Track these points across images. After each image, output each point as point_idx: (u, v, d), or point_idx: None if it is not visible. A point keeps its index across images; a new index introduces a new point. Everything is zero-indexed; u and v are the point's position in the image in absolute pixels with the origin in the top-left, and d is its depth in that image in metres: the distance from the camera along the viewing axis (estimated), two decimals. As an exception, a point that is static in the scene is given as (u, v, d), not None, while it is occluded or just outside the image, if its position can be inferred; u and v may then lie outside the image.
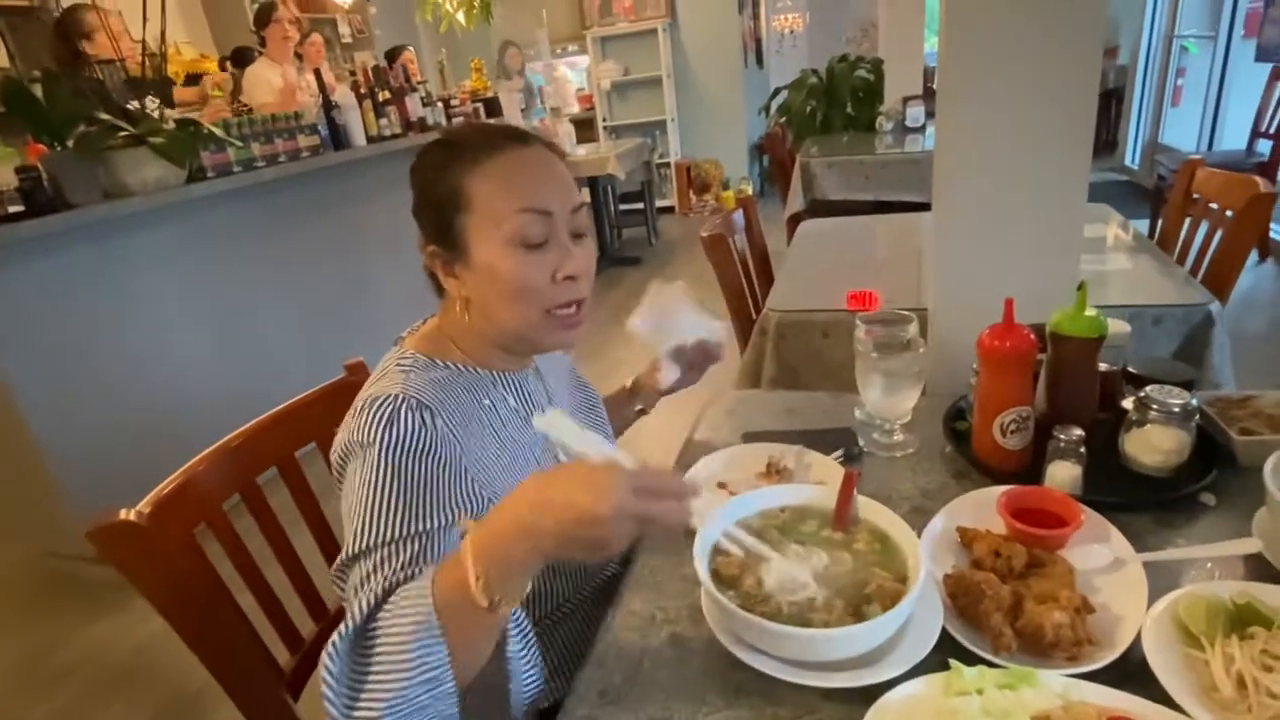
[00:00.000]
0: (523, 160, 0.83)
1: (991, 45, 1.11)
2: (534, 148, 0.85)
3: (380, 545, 0.71)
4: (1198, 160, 1.92)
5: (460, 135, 0.86)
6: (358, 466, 0.75)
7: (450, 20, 4.37)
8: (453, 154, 0.83)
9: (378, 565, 0.70)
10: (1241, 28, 4.87)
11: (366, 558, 0.71)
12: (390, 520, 0.72)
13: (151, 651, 2.04)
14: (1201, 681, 0.60)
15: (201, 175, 2.49)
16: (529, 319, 0.83)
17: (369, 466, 0.74)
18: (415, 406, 0.77)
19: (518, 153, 0.83)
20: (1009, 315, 0.89)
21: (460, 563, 0.60)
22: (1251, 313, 3.38)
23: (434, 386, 0.81)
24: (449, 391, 0.82)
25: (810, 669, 0.64)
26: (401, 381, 0.80)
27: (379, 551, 0.71)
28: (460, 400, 0.83)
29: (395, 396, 0.77)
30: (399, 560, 0.71)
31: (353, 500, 0.74)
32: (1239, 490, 0.85)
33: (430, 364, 0.85)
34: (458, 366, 0.87)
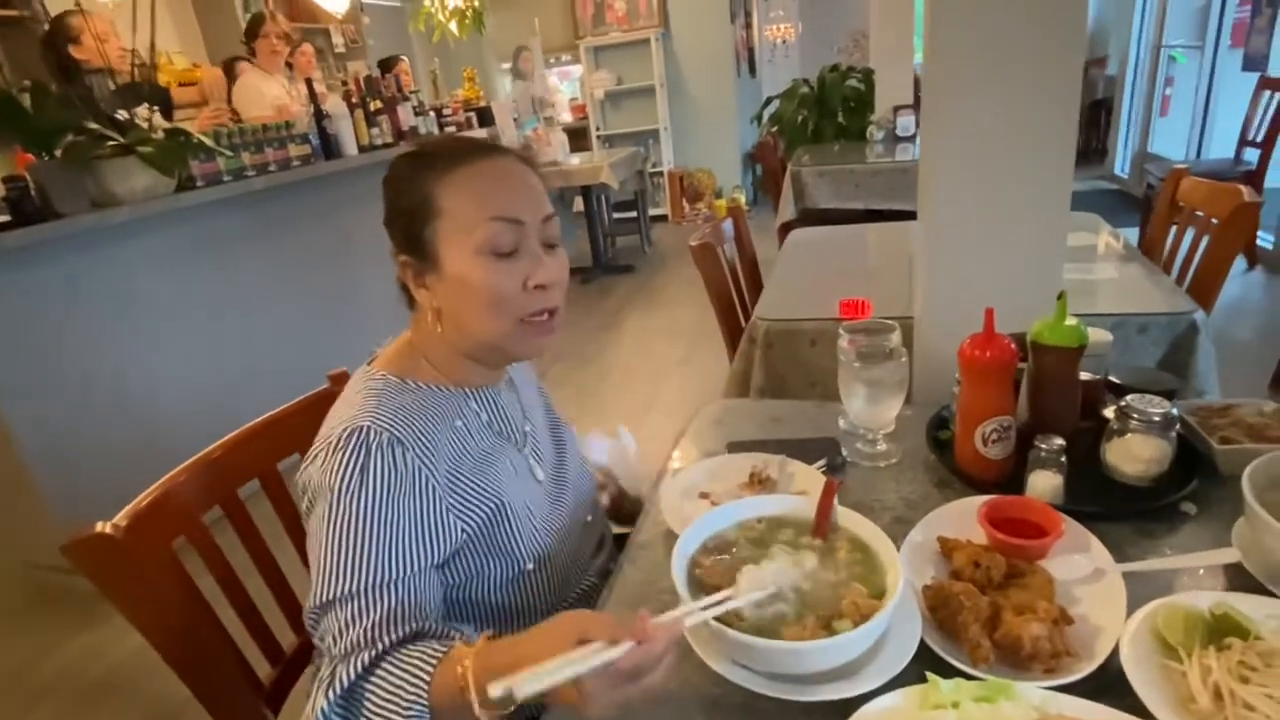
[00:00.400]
0: (493, 169, 0.82)
1: (975, 57, 1.11)
2: (505, 158, 0.85)
3: (355, 594, 0.72)
4: (1183, 169, 1.93)
5: (431, 145, 0.86)
6: (326, 510, 0.75)
7: (443, 30, 4.39)
8: (423, 164, 0.83)
9: (355, 615, 0.71)
10: (1229, 38, 4.92)
11: (342, 606, 0.72)
12: (365, 567, 0.72)
13: (136, 664, 2.02)
14: (1179, 693, 0.59)
15: (191, 184, 2.48)
16: (500, 328, 0.82)
17: (340, 512, 0.74)
18: (386, 443, 0.76)
19: (488, 162, 0.83)
20: (989, 325, 0.90)
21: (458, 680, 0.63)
22: (1240, 320, 3.40)
23: (403, 415, 0.80)
24: (419, 418, 0.81)
25: (788, 682, 0.64)
26: (373, 410, 0.79)
27: (355, 601, 0.71)
28: (431, 426, 0.82)
29: (365, 430, 0.76)
30: (378, 611, 0.71)
31: (324, 544, 0.74)
32: (1220, 499, 0.85)
33: (401, 386, 0.84)
34: (429, 387, 0.86)
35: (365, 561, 0.73)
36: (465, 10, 4.34)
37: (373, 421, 0.77)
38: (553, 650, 0.58)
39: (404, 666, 0.67)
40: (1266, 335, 3.09)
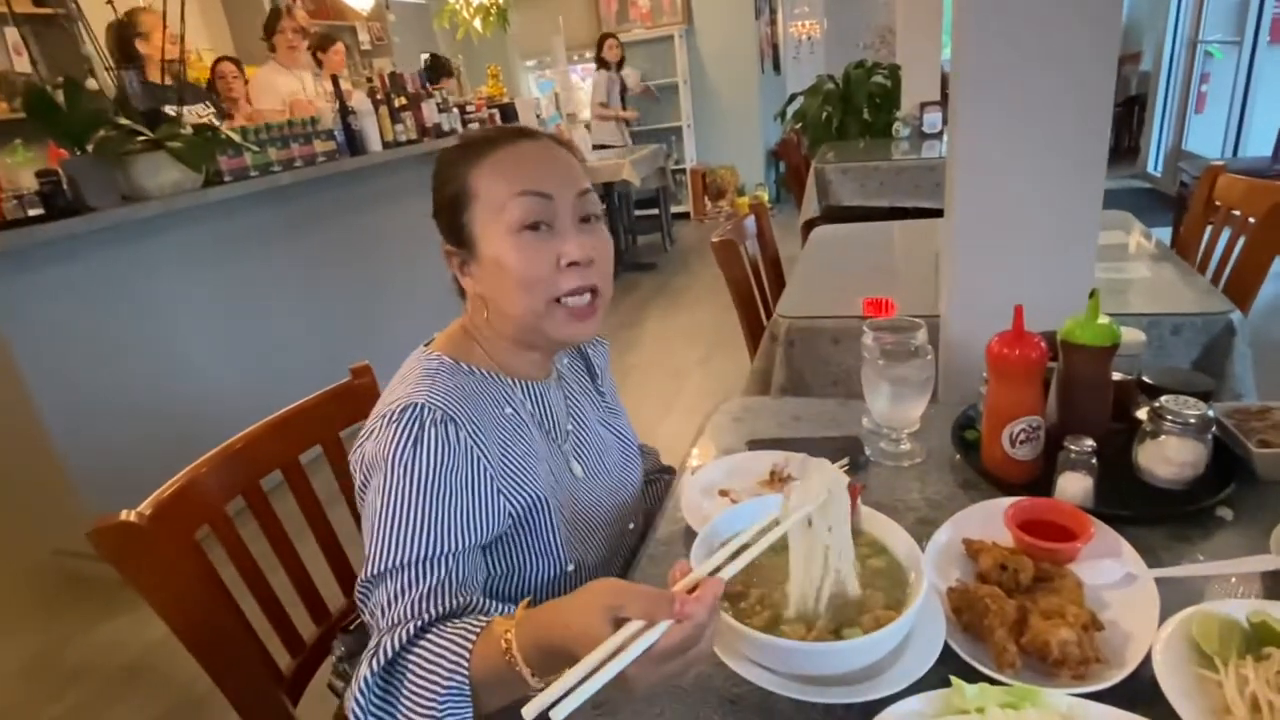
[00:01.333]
0: (522, 150, 0.83)
1: (1004, 51, 1.09)
2: (537, 140, 0.85)
3: (405, 566, 0.72)
4: (1219, 167, 1.88)
5: (468, 137, 0.88)
6: (381, 482, 0.76)
7: (467, 27, 4.41)
8: (460, 154, 0.84)
9: (403, 588, 0.72)
10: (1268, 33, 4.78)
11: (392, 578, 0.72)
12: (415, 540, 0.73)
13: (161, 651, 2.06)
14: (1214, 704, 0.57)
15: (219, 180, 2.51)
16: (535, 308, 0.82)
17: (394, 483, 0.75)
18: (440, 420, 0.77)
19: (519, 144, 0.83)
20: (1019, 323, 0.87)
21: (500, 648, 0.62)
22: (1277, 323, 3.31)
23: (457, 394, 0.81)
24: (472, 400, 0.82)
25: (808, 684, 0.62)
26: (427, 389, 0.80)
27: (404, 573, 0.72)
28: (483, 409, 0.83)
29: (420, 407, 0.77)
30: (425, 584, 0.72)
31: (377, 516, 0.75)
32: (1258, 505, 0.82)
33: (455, 368, 0.85)
34: (482, 372, 0.87)
35: (416, 535, 0.73)
36: (490, 7, 4.35)
37: (428, 399, 0.78)
38: (585, 624, 0.56)
39: (445, 640, 0.66)
40: (1307, 340, 3.01)
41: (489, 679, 0.63)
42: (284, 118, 2.99)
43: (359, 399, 1.19)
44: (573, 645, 0.56)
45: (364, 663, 0.69)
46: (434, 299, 3.73)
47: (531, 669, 0.60)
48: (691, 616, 0.55)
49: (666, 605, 0.55)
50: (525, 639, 0.61)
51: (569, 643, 0.57)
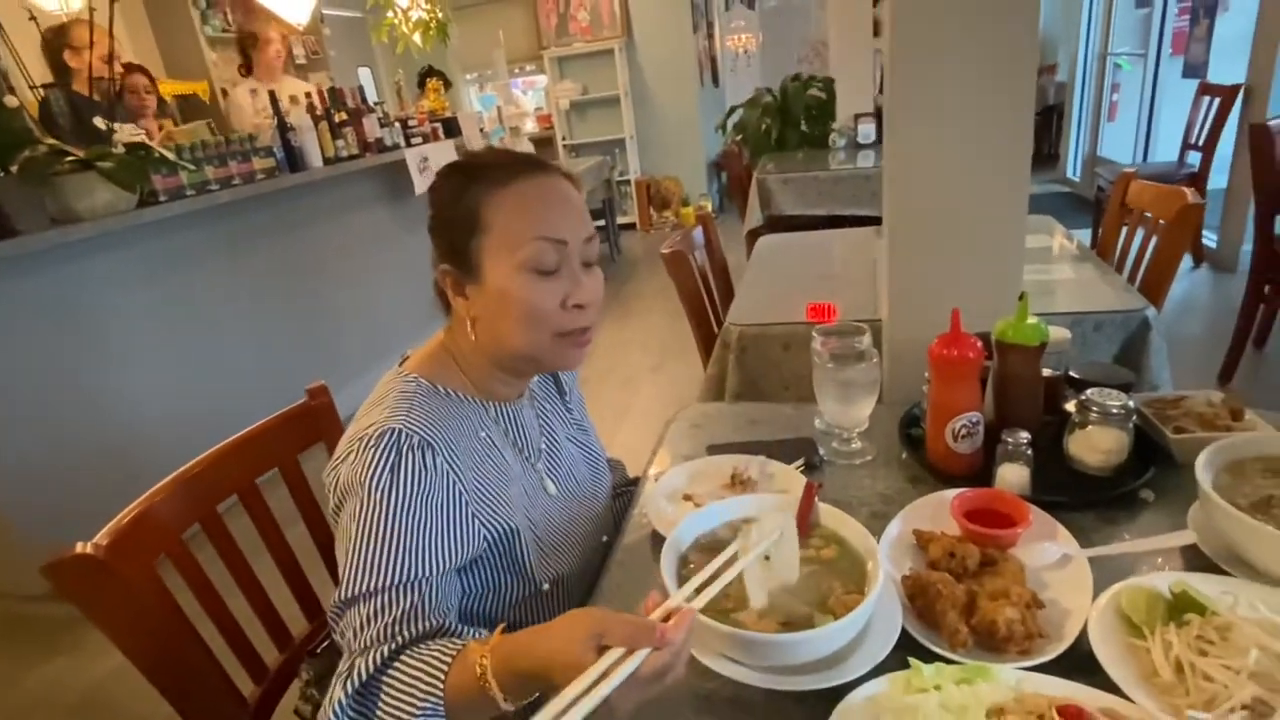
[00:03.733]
0: (540, 188, 0.83)
1: (933, 70, 1.15)
2: (552, 176, 0.85)
3: (380, 590, 0.73)
4: (1131, 173, 2.02)
5: (480, 159, 0.87)
6: (357, 507, 0.76)
7: (407, 41, 4.37)
8: (471, 177, 0.83)
9: (378, 611, 0.72)
10: (1169, 46, 5.12)
11: (366, 601, 0.73)
12: (390, 565, 0.74)
13: (112, 688, 1.97)
14: (1143, 668, 0.63)
15: (154, 200, 2.43)
16: (536, 341, 0.84)
17: (370, 509, 0.75)
18: (417, 445, 0.78)
19: (535, 180, 0.83)
20: (956, 325, 0.93)
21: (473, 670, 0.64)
22: (1189, 316, 3.54)
23: (434, 419, 0.81)
24: (448, 425, 0.83)
25: (776, 673, 0.66)
26: (405, 414, 0.80)
27: (379, 597, 0.73)
28: (459, 434, 0.84)
29: (397, 433, 0.78)
30: (399, 608, 0.73)
31: (352, 541, 0.75)
32: (1175, 486, 0.90)
33: (432, 391, 0.85)
34: (458, 395, 0.87)
35: (391, 559, 0.74)
36: (429, 21, 4.33)
37: (405, 424, 0.78)
38: (568, 652, 0.58)
39: (420, 662, 0.68)
40: (1214, 330, 3.22)
41: (461, 701, 0.65)
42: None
43: (316, 420, 1.19)
44: (554, 671, 0.59)
45: (337, 684, 0.70)
46: (382, 316, 3.67)
47: (505, 693, 0.63)
48: (671, 643, 0.58)
49: (648, 633, 0.58)
50: (500, 664, 0.63)
51: (550, 670, 0.60)
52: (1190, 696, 0.59)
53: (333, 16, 5.52)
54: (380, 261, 3.67)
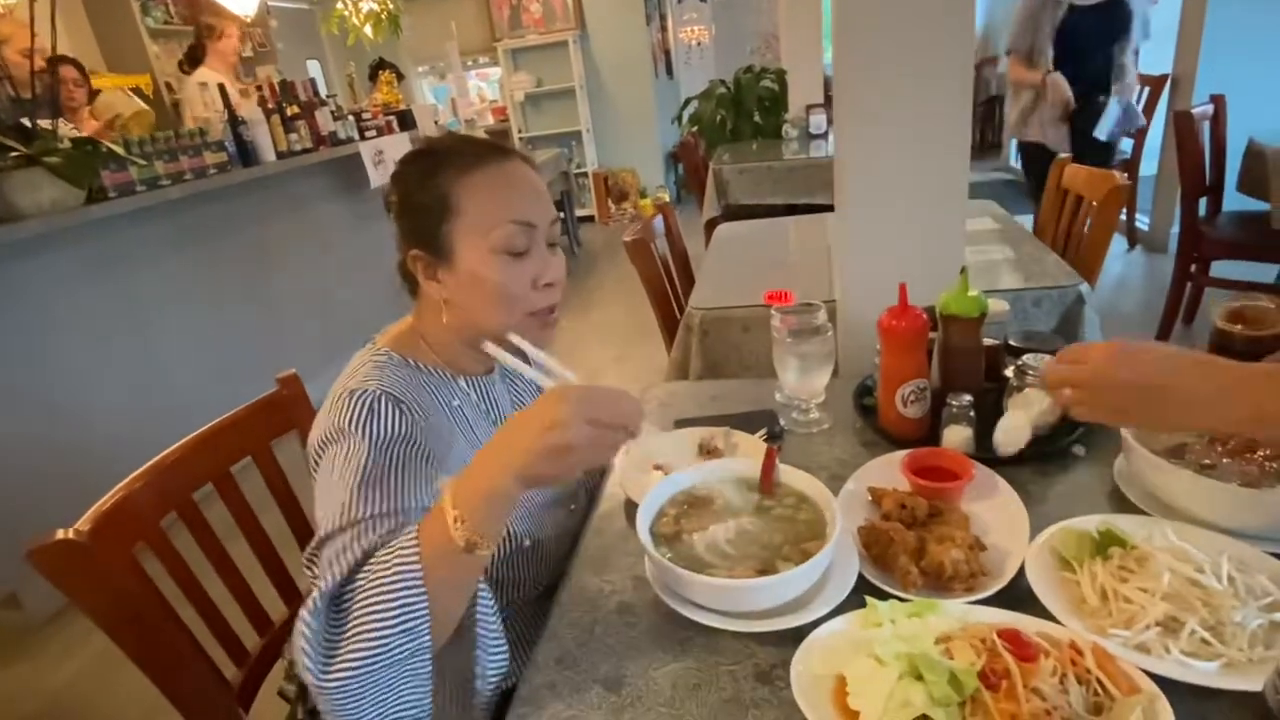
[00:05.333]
0: (506, 173, 0.87)
1: (877, 66, 1.22)
2: (514, 161, 0.89)
3: (359, 520, 0.73)
4: (1066, 159, 2.13)
5: (445, 144, 0.90)
6: (337, 452, 0.79)
7: (358, 34, 4.31)
8: (438, 162, 0.86)
9: (355, 537, 0.72)
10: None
11: (344, 532, 0.73)
12: (370, 498, 0.74)
13: (75, 691, 1.94)
14: (1074, 597, 0.70)
15: (102, 195, 2.38)
16: (508, 322, 0.87)
17: (351, 451, 0.78)
18: (391, 400, 0.81)
19: (501, 165, 0.87)
20: (903, 298, 1.00)
21: (440, 512, 0.65)
22: (1123, 294, 3.73)
23: (405, 385, 0.85)
24: (419, 392, 0.86)
25: (745, 618, 0.71)
26: (377, 378, 0.84)
27: (358, 526, 0.73)
28: (430, 401, 0.87)
29: (373, 390, 0.81)
30: (375, 534, 0.72)
31: (333, 482, 0.77)
32: (1103, 442, 0.98)
33: (403, 363, 0.89)
34: (428, 369, 0.91)
35: (370, 493, 0.75)
36: (380, 13, 4.28)
37: (378, 385, 0.82)
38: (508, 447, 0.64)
39: (390, 548, 0.67)
40: (1146, 307, 3.40)
41: (434, 549, 0.64)
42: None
43: (288, 409, 1.20)
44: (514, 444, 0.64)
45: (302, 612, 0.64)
46: (340, 310, 3.63)
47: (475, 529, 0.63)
48: None
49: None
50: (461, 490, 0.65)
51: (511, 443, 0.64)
52: (1113, 618, 0.66)
53: (280, 8, 5.41)
54: (337, 255, 3.64)
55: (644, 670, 0.71)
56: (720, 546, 0.75)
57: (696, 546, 0.76)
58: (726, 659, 0.70)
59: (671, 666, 0.71)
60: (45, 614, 2.23)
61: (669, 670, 0.70)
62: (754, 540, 0.77)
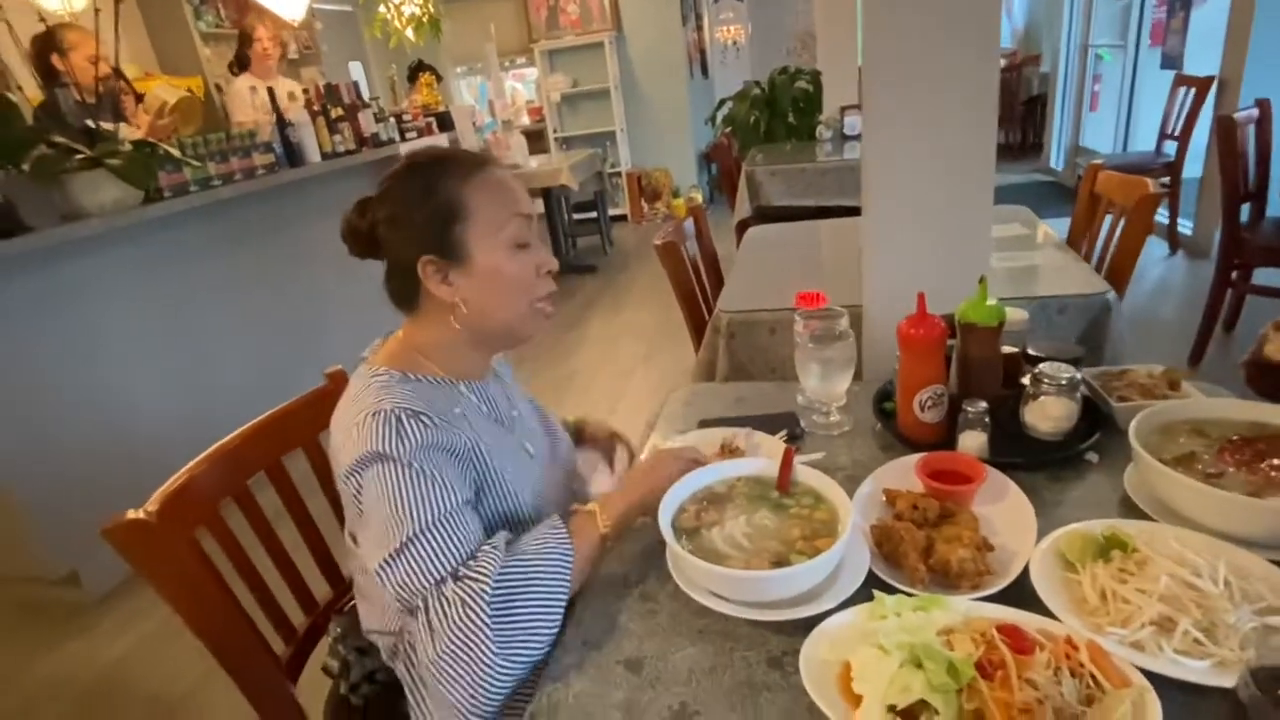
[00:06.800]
0: (498, 176, 0.96)
1: (905, 71, 1.25)
2: (498, 165, 0.98)
3: (426, 529, 0.81)
4: (1099, 164, 2.12)
5: (438, 156, 0.96)
6: (376, 477, 0.83)
7: (400, 37, 4.42)
8: (439, 172, 0.93)
9: (440, 545, 0.81)
10: (1148, 38, 5.23)
11: (416, 544, 0.80)
12: (426, 508, 0.82)
13: (125, 668, 2.06)
14: (1074, 597, 0.73)
15: (158, 196, 2.51)
16: (519, 310, 0.96)
17: (392, 475, 0.83)
18: (410, 415, 0.85)
19: (491, 170, 0.96)
20: (921, 307, 1.03)
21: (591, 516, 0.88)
22: (1163, 301, 3.67)
23: (414, 398, 0.88)
24: (428, 401, 0.90)
25: (760, 608, 0.76)
26: (388, 397, 0.87)
27: (429, 534, 0.81)
28: (439, 408, 0.90)
29: (388, 410, 0.85)
30: (447, 535, 0.81)
31: (384, 504, 0.82)
32: (1118, 449, 1.00)
33: (404, 378, 0.93)
34: (429, 379, 0.96)
35: (424, 504, 0.82)
36: (421, 16, 4.38)
37: (392, 404, 0.86)
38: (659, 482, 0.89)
39: (535, 536, 0.85)
40: (1186, 313, 3.34)
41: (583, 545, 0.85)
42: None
43: (335, 402, 1.27)
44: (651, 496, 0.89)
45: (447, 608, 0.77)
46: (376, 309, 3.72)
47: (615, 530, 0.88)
48: None
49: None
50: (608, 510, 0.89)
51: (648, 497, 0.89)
52: (1110, 616, 0.69)
53: (324, 10, 5.56)
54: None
55: (663, 654, 0.76)
56: (737, 540, 0.80)
57: (715, 540, 0.81)
58: (741, 645, 0.75)
59: (689, 651, 0.76)
60: (101, 592, 2.36)
61: (686, 654, 0.75)
62: (770, 535, 0.81)
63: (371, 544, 0.83)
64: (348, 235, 1.01)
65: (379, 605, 1.00)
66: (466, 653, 0.74)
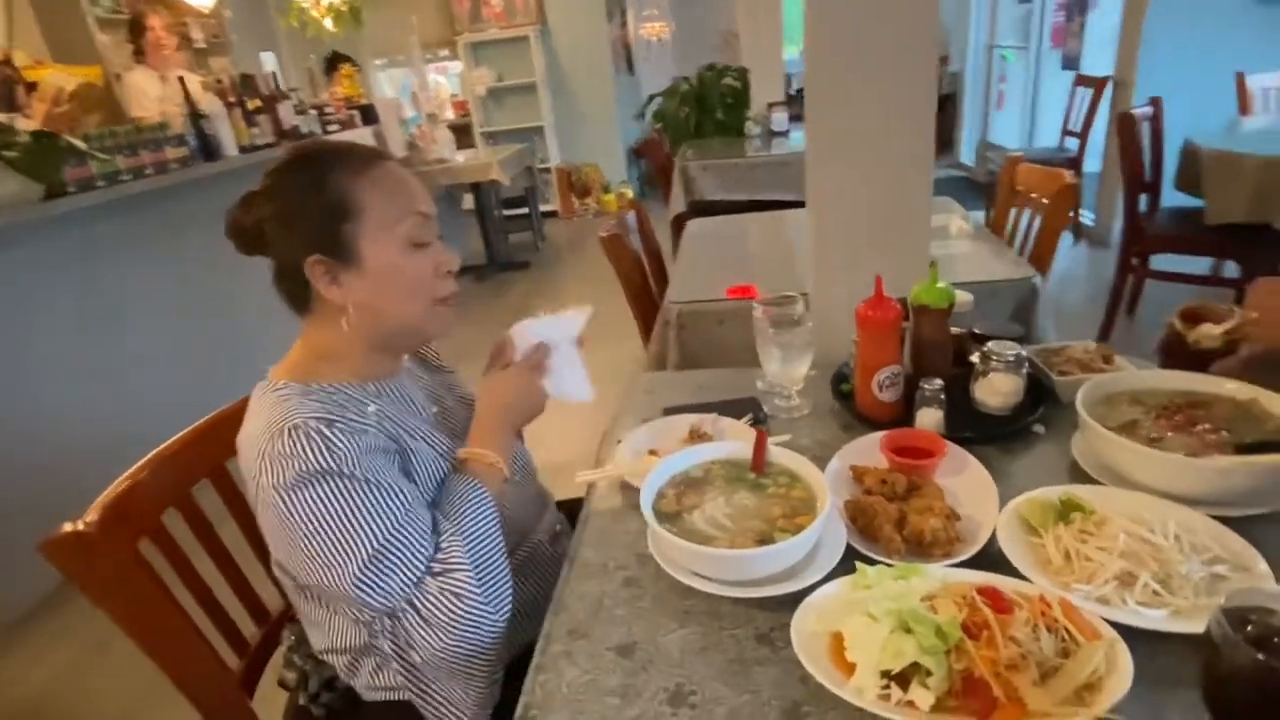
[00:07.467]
0: (394, 171, 0.91)
1: (847, 68, 1.28)
2: (394, 161, 0.93)
3: (391, 536, 0.80)
4: (1018, 157, 2.24)
5: (327, 149, 0.89)
6: (322, 496, 0.79)
7: (317, 27, 4.25)
8: (328, 166, 0.86)
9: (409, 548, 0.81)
10: (1049, 40, 5.56)
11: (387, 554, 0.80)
12: (385, 517, 0.80)
13: (54, 692, 1.92)
14: (1040, 559, 0.77)
15: (62, 191, 2.33)
16: (417, 311, 0.92)
17: (338, 490, 0.79)
18: (326, 424, 0.81)
19: (387, 165, 0.90)
20: (879, 290, 1.07)
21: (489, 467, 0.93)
22: (1069, 287, 3.91)
23: (320, 409, 0.83)
24: (338, 407, 0.85)
25: (744, 586, 0.77)
26: (293, 411, 0.81)
27: (395, 540, 0.80)
28: (347, 414, 0.85)
29: (300, 424, 0.80)
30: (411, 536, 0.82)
31: (338, 521, 0.79)
32: (1061, 421, 1.06)
33: (306, 390, 0.87)
34: (332, 387, 0.89)
35: (377, 514, 0.80)
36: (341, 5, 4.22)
37: (303, 418, 0.80)
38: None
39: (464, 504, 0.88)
40: (1091, 298, 3.57)
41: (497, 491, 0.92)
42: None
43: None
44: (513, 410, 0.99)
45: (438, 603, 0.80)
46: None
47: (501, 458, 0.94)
48: None
49: None
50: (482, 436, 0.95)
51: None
52: (1075, 574, 0.73)
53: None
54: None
55: (653, 637, 0.76)
56: (720, 521, 0.81)
57: (697, 522, 0.81)
58: (729, 624, 0.76)
59: (679, 633, 0.76)
60: (12, 618, 2.18)
61: (676, 636, 0.76)
62: (751, 514, 0.82)
63: (329, 564, 0.79)
64: (232, 233, 0.92)
65: (325, 626, 0.96)
66: (473, 630, 0.82)
